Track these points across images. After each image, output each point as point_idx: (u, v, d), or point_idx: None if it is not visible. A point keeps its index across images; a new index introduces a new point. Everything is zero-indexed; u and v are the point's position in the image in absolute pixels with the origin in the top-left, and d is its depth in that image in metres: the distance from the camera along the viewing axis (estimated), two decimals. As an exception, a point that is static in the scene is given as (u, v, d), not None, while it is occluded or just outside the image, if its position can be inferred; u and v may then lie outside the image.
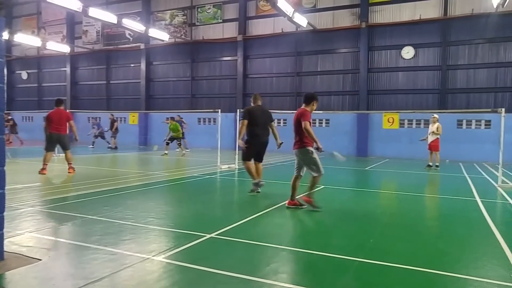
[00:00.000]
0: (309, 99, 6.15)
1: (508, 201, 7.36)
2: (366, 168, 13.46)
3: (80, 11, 16.23)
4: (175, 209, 6.34)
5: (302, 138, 5.99)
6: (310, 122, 5.94)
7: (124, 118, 25.91)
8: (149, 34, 20.90)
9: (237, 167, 11.88)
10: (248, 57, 22.27)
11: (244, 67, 22.20)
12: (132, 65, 25.87)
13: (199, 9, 23.46)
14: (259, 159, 7.57)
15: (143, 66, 25.13)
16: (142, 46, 24.97)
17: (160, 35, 21.61)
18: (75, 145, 16.98)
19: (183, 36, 23.74)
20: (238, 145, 7.50)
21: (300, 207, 6.16)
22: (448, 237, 4.94)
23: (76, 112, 25.59)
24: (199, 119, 23.18)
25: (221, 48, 22.95)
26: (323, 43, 20.22)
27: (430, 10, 17.97)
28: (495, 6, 15.37)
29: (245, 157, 7.43)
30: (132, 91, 26.01)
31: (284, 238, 4.82)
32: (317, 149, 5.97)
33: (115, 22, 18.10)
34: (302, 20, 18.08)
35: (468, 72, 17.56)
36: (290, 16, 16.84)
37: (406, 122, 18.23)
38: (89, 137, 20.36)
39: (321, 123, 20.27)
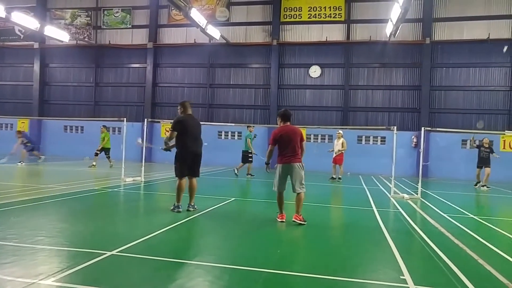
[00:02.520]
0: (291, 115, 6.57)
1: (399, 210, 8.29)
2: (276, 181, 13.97)
3: (-42, -1, 14.14)
4: (71, 225, 5.79)
5: (298, 153, 6.26)
6: None
7: (11, 124, 23.06)
8: (44, 33, 19.08)
9: (143, 179, 11.37)
10: (158, 65, 21.73)
11: (154, 75, 21.59)
12: (23, 65, 23.30)
13: (105, 12, 22.25)
14: (193, 173, 6.96)
15: (36, 67, 22.78)
16: (36, 45, 22.69)
17: (58, 35, 19.86)
18: None
19: (86, 39, 22.21)
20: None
21: (304, 223, 6.15)
22: (348, 245, 5.36)
23: None
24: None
25: (129, 55, 22.02)
26: (236, 56, 20.72)
27: (335, 33, 19.70)
28: (388, 35, 17.51)
29: (178, 174, 6.81)
30: (22, 95, 23.34)
31: (191, 252, 4.73)
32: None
33: (3, 15, 16.14)
34: (215, 33, 18.33)
35: (367, 92, 19.56)
36: (203, 27, 16.96)
37: (312, 137, 19.49)
38: None
39: (234, 135, 20.59)
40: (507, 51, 17.21)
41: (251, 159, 14.37)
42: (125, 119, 12.40)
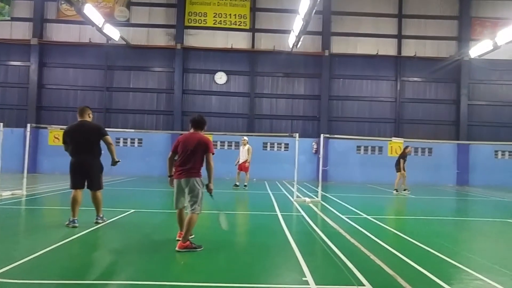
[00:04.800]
0: (203, 123, 5.53)
1: (301, 213, 8.73)
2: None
3: None
4: None
5: (195, 166, 5.26)
6: None
7: None
8: None
9: (25, 193, 10.14)
10: (45, 64, 19.78)
11: (40, 75, 19.59)
12: None
13: (-23, -1, 19.55)
14: (88, 185, 6.54)
15: None
16: None
17: None
18: None
19: (-49, 28, 19.21)
20: None
21: (196, 249, 5.13)
22: (253, 250, 5.44)
23: None
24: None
25: (8, 50, 19.64)
26: (136, 59, 19.91)
27: (240, 41, 20.20)
28: (290, 46, 18.55)
29: (70, 185, 6.55)
30: None
31: (83, 271, 4.32)
32: (208, 188, 5.32)
33: None
34: (114, 33, 17.39)
35: (271, 100, 20.42)
36: (100, 26, 15.96)
37: (218, 143, 19.61)
38: None
39: (133, 142, 19.64)
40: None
41: None
42: (1, 124, 10.92)
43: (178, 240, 5.35)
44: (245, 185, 13.93)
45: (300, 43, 17.65)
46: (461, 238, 7.15)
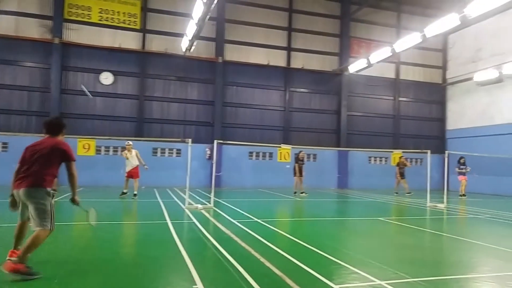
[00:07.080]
0: (60, 126, 4.92)
1: (192, 220, 8.63)
2: (56, 199, 12.34)
3: None
4: None
5: (40, 175, 4.46)
6: None
7: None
8: None
9: None
10: None
11: None
12: None
13: None
14: None
15: None
16: None
17: None
18: None
19: None
20: None
21: (31, 276, 4.19)
22: (140, 262, 5.16)
23: None
24: None
25: None
26: (3, 51, 17.49)
27: (129, 41, 19.24)
28: (184, 50, 18.35)
29: None
30: None
31: None
32: (73, 200, 4.69)
33: None
34: (-27, 17, 15.03)
35: (162, 104, 19.83)
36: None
37: (103, 148, 18.31)
38: None
39: (-3, 147, 17.18)
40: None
41: None
42: None
43: (10, 260, 4.31)
44: (134, 194, 13.05)
45: (193, 47, 17.58)
46: (340, 236, 7.85)
